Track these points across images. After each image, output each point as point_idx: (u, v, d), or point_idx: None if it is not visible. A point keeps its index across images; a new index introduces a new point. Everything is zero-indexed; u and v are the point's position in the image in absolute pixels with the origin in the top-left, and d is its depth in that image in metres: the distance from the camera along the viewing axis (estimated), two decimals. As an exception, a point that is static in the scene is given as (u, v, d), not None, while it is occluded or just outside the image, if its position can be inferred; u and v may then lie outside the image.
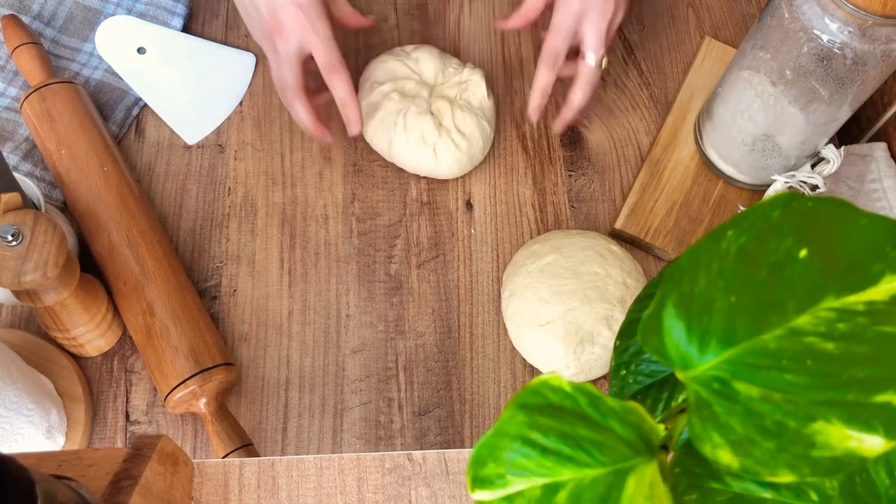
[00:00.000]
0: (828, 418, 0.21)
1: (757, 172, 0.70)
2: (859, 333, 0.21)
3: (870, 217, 0.21)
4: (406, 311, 0.67)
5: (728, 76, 0.67)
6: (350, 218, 0.71)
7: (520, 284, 0.66)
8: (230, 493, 0.43)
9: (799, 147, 0.66)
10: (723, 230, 0.23)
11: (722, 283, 0.23)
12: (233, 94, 0.75)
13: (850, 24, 0.53)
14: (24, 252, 0.54)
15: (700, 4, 0.83)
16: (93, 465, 0.37)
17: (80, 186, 0.64)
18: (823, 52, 0.56)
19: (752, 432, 0.21)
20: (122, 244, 0.63)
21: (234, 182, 0.72)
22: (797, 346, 0.21)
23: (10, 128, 0.69)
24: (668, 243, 0.70)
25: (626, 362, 0.33)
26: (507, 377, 0.66)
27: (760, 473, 0.21)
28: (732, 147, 0.69)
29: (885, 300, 0.21)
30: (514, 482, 0.24)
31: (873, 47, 0.54)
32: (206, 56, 0.76)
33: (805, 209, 0.22)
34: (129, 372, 0.64)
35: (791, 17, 0.56)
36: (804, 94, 0.60)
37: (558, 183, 0.73)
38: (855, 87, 0.58)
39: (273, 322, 0.66)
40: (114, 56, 0.74)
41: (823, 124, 0.63)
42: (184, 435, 0.62)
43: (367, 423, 0.63)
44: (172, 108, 0.74)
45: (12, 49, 0.69)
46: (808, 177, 0.65)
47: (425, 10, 0.81)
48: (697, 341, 0.23)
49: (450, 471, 0.44)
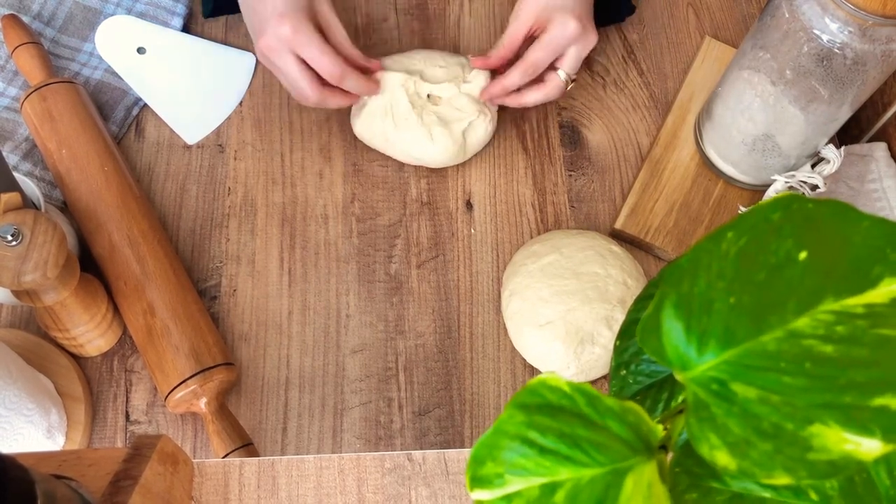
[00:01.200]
0: (825, 421, 0.21)
1: (757, 172, 0.70)
2: (858, 336, 0.21)
3: (870, 219, 0.21)
4: (406, 311, 0.67)
5: (728, 76, 0.67)
6: (350, 218, 0.71)
7: (520, 284, 0.66)
8: (230, 493, 0.43)
9: (799, 147, 0.66)
10: (723, 231, 0.23)
11: (721, 284, 0.23)
12: (233, 94, 0.75)
13: (850, 24, 0.53)
14: (24, 252, 0.54)
15: (700, 4, 0.83)
16: (93, 465, 0.37)
17: (80, 186, 0.64)
18: (823, 52, 0.56)
19: (749, 434, 0.21)
20: (122, 244, 0.63)
21: (234, 182, 0.72)
22: (796, 348, 0.21)
23: (10, 128, 0.69)
24: (668, 243, 0.70)
25: (626, 362, 0.33)
26: (507, 377, 0.66)
27: (757, 475, 0.21)
28: (732, 147, 0.69)
29: (885, 303, 0.21)
30: (512, 482, 0.24)
31: (873, 47, 0.54)
32: (206, 56, 0.76)
33: (805, 211, 0.22)
34: (129, 372, 0.64)
35: (791, 17, 0.56)
36: (804, 94, 0.60)
37: (558, 183, 0.73)
38: (855, 87, 0.58)
39: (273, 322, 0.66)
40: (114, 56, 0.74)
41: (823, 124, 0.63)
42: (184, 435, 0.62)
43: (367, 423, 0.63)
44: (172, 108, 0.74)
45: (12, 49, 0.69)
46: (808, 177, 0.65)
47: (425, 10, 0.81)
48: (696, 342, 0.23)
49: (450, 471, 0.44)
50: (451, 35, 0.79)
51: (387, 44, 0.79)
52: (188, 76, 0.75)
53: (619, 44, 0.80)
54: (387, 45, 0.79)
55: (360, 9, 0.81)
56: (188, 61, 0.76)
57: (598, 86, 0.78)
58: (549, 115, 0.76)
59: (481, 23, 0.80)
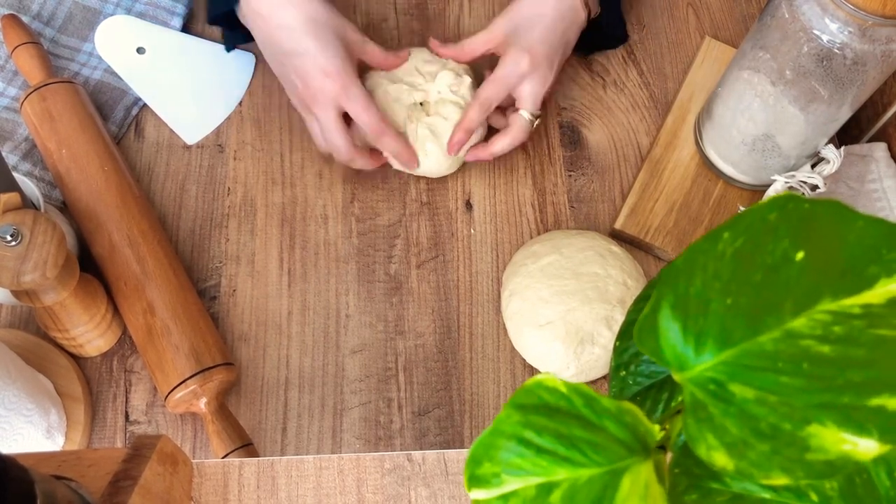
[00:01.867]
0: (822, 421, 0.21)
1: (757, 172, 0.70)
2: (855, 336, 0.21)
3: (866, 219, 0.21)
4: (406, 311, 0.67)
5: (728, 76, 0.67)
6: (350, 218, 0.71)
7: (520, 284, 0.66)
8: (230, 493, 0.43)
9: (799, 147, 0.66)
10: (719, 232, 0.23)
11: (718, 284, 0.23)
12: (232, 95, 0.75)
13: (850, 24, 0.53)
14: (24, 252, 0.54)
15: (700, 4, 0.83)
16: (92, 466, 0.37)
17: (80, 186, 0.64)
18: (823, 52, 0.56)
19: (746, 434, 0.21)
20: (122, 244, 0.63)
21: (233, 182, 0.72)
22: (793, 348, 0.21)
23: (10, 128, 0.69)
24: (668, 243, 0.70)
25: (625, 363, 0.33)
26: (506, 377, 0.66)
27: (755, 475, 0.21)
28: (732, 147, 0.69)
29: (881, 303, 0.21)
30: (509, 481, 0.24)
31: (873, 47, 0.54)
32: (206, 56, 0.76)
33: (802, 211, 0.22)
34: (129, 372, 0.64)
35: (791, 17, 0.56)
36: (804, 94, 0.60)
37: (558, 183, 0.73)
38: (855, 87, 0.58)
39: (273, 322, 0.66)
40: (113, 56, 0.74)
41: (823, 124, 0.63)
42: (183, 435, 0.62)
43: (367, 424, 0.63)
44: (172, 108, 0.74)
45: (12, 49, 0.69)
46: (807, 177, 0.65)
47: (425, 10, 0.81)
48: (693, 343, 0.23)
49: (449, 471, 0.44)
50: (451, 35, 0.79)
51: (387, 44, 0.79)
52: (188, 76, 0.75)
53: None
54: (387, 45, 0.78)
55: (360, 9, 0.81)
56: (187, 61, 0.76)
57: (598, 86, 0.78)
58: (549, 116, 0.76)
59: (481, 23, 0.80)
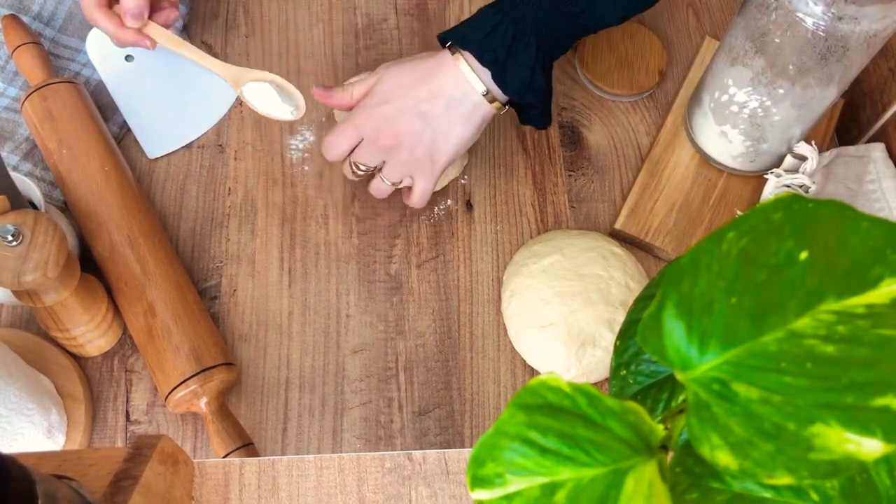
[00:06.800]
0: (826, 421, 0.21)
1: (746, 158, 0.70)
2: (859, 336, 0.21)
3: (870, 220, 0.21)
4: (406, 311, 0.67)
5: (715, 63, 0.68)
6: (350, 218, 0.71)
7: (521, 285, 0.65)
8: (230, 493, 0.43)
9: (787, 131, 0.66)
10: (724, 232, 0.23)
11: (722, 284, 0.23)
12: (209, 116, 0.74)
13: (833, 6, 0.54)
14: (25, 252, 0.54)
15: (700, 4, 0.83)
16: (93, 465, 0.37)
17: (80, 186, 0.64)
18: (808, 34, 0.56)
19: (750, 434, 0.21)
20: (123, 244, 0.63)
21: (234, 182, 0.72)
22: (797, 348, 0.21)
23: (10, 128, 0.69)
24: (668, 243, 0.70)
25: (626, 362, 0.33)
26: (507, 377, 0.66)
27: (758, 475, 0.21)
28: (720, 134, 0.69)
29: (886, 303, 0.21)
30: (512, 482, 0.24)
31: (857, 27, 0.54)
32: (191, 71, 0.74)
33: (806, 212, 0.22)
34: (130, 372, 0.64)
35: (775, 2, 0.57)
36: (790, 78, 0.61)
37: (558, 183, 0.73)
38: (841, 68, 0.59)
39: (273, 322, 0.66)
40: (102, 61, 0.73)
41: (811, 107, 0.64)
42: (184, 435, 0.62)
43: (367, 423, 0.63)
44: (143, 120, 0.73)
45: (12, 49, 0.69)
46: (792, 179, 0.66)
47: (425, 10, 0.81)
48: (697, 342, 0.23)
49: (450, 471, 0.44)
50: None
51: (387, 44, 0.79)
52: (169, 90, 0.74)
53: (619, 44, 0.80)
54: (387, 45, 0.79)
55: (360, 9, 0.81)
56: (172, 74, 0.75)
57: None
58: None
59: (481, 23, 0.80)
